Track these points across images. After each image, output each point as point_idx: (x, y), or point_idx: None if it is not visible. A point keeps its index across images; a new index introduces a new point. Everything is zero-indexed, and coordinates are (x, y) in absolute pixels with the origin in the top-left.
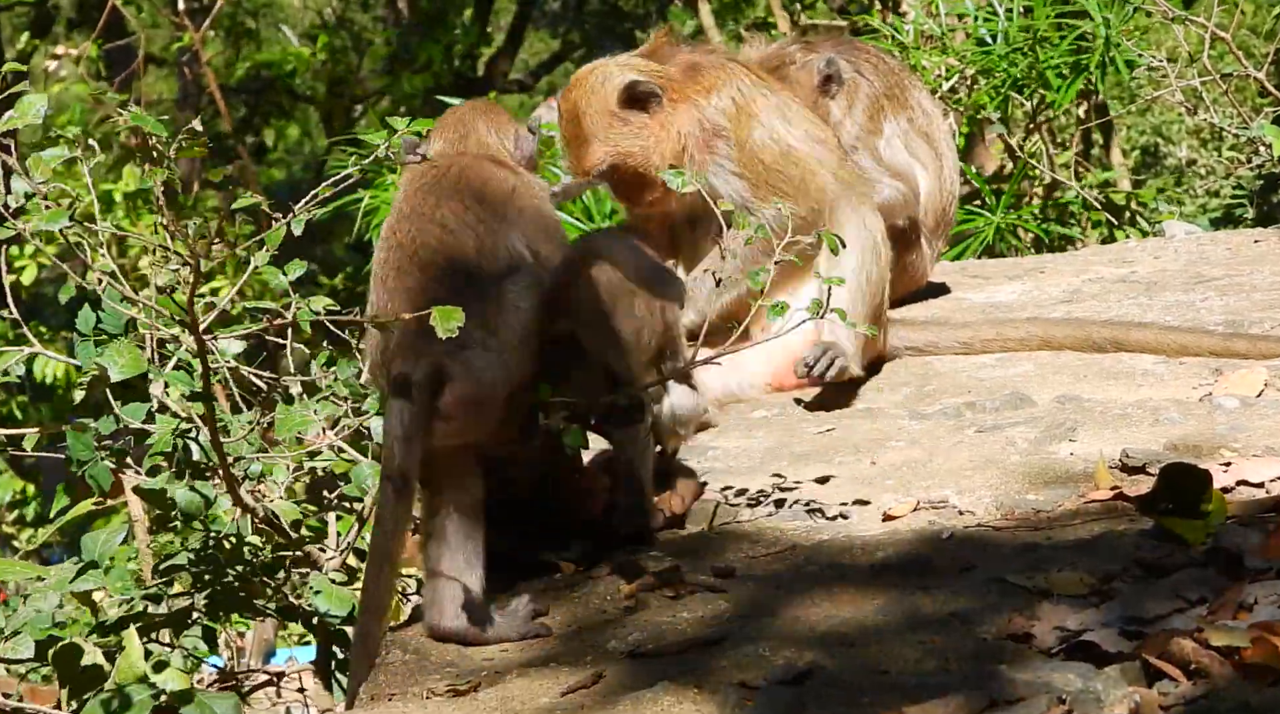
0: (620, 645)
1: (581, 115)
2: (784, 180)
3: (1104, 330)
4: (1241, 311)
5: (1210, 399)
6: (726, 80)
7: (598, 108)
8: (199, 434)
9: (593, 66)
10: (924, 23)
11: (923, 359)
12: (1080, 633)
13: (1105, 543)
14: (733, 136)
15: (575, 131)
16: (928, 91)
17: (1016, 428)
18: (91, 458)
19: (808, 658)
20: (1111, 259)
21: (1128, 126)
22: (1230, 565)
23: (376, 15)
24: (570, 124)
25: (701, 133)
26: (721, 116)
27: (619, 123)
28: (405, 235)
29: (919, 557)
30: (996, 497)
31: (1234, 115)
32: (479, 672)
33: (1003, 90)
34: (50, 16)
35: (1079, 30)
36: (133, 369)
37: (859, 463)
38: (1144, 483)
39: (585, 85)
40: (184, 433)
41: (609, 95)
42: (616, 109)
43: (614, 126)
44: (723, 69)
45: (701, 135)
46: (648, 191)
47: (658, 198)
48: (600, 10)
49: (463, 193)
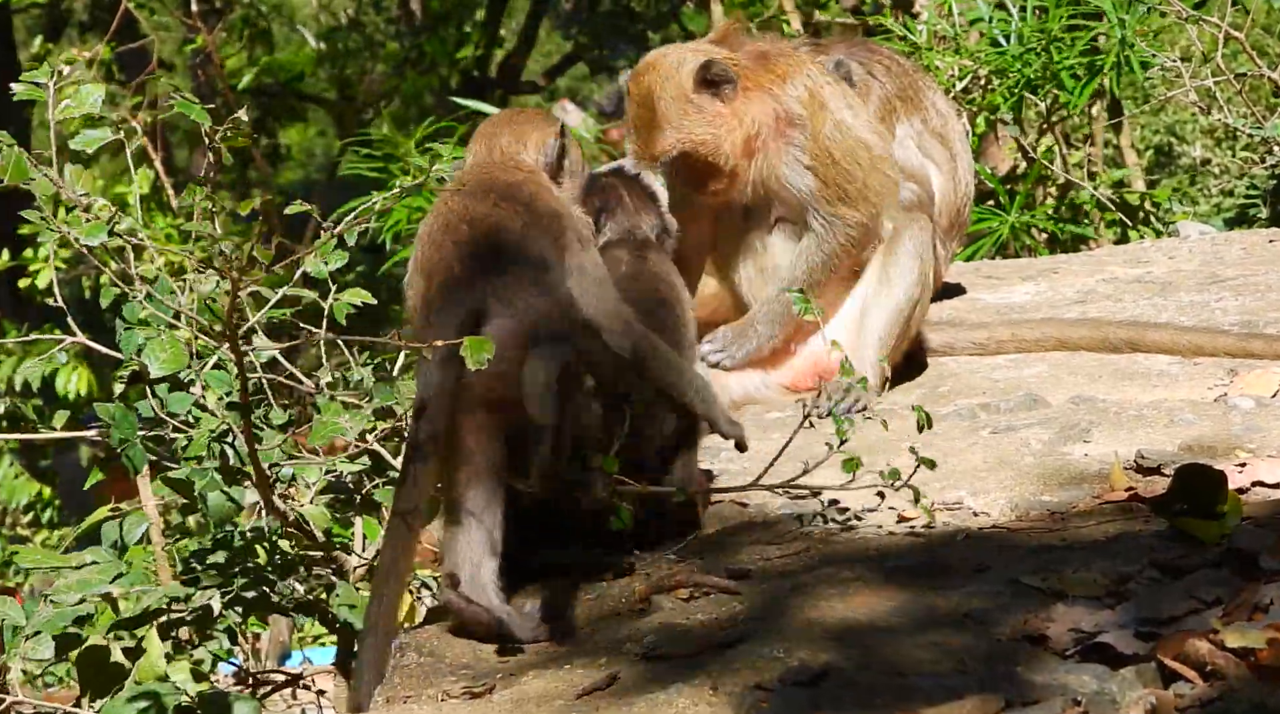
0: (635, 647)
1: (655, 100)
2: (849, 180)
3: (1120, 331)
4: (1257, 312)
5: (1225, 400)
6: (799, 69)
7: (672, 93)
8: (235, 439)
9: (663, 51)
10: (936, 23)
11: (937, 360)
12: (1095, 634)
13: (1120, 544)
14: (808, 126)
15: (647, 117)
16: (942, 92)
17: (1031, 429)
18: (132, 437)
19: (823, 659)
20: (1126, 259)
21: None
22: (1245, 566)
23: (389, 17)
24: (643, 109)
25: (776, 121)
26: (797, 105)
27: (693, 109)
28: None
29: (933, 558)
30: (1011, 498)
31: (1248, 115)
32: (494, 673)
33: (1017, 91)
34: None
35: (1094, 31)
36: (174, 365)
37: (872, 464)
38: (1159, 484)
39: (658, 70)
40: (221, 436)
41: (684, 80)
42: (692, 94)
43: (688, 113)
44: (793, 57)
45: (776, 124)
46: (714, 180)
47: (722, 187)
48: (612, 11)
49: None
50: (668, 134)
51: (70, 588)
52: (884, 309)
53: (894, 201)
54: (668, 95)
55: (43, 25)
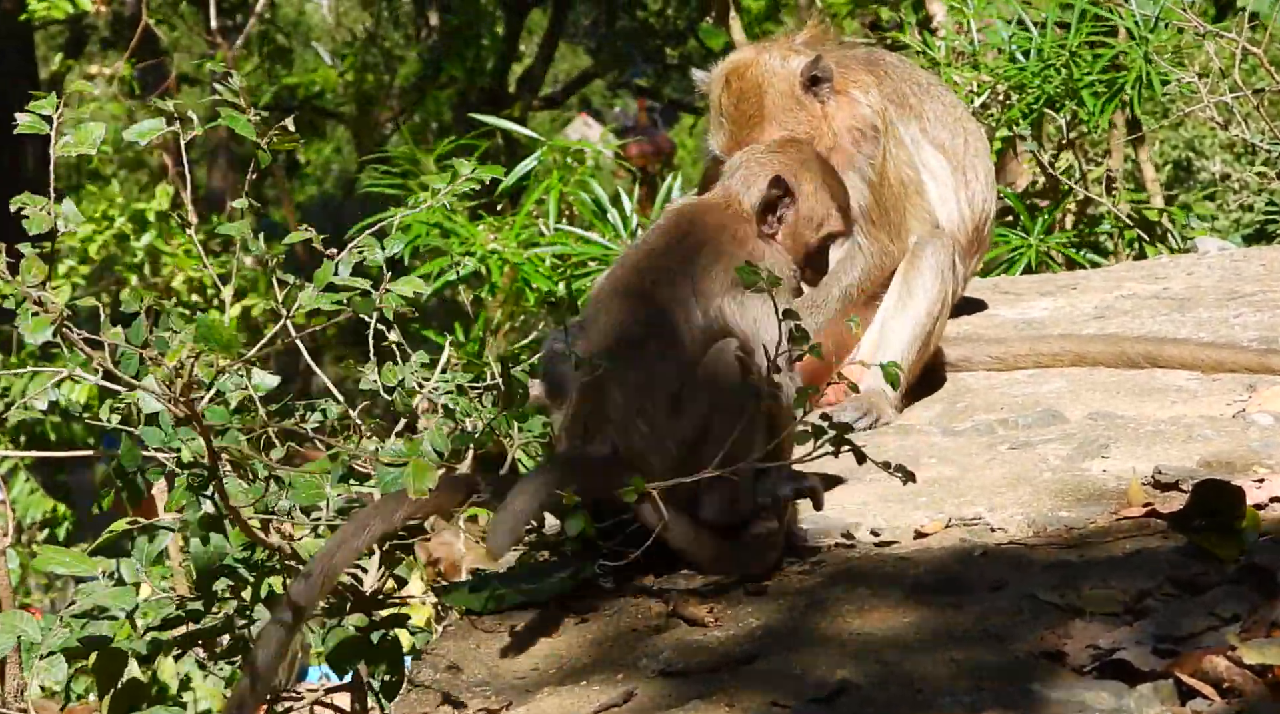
0: (652, 664)
1: (763, 94)
2: (896, 209)
3: (1138, 346)
4: (1276, 327)
5: (1244, 416)
6: (881, 79)
7: (781, 88)
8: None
9: (758, 50)
10: (954, 39)
11: (955, 375)
12: (1113, 651)
13: (1138, 560)
14: (879, 140)
15: (751, 110)
16: (962, 106)
17: (1049, 445)
18: (138, 469)
19: (840, 675)
20: (1144, 275)
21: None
22: (1264, 583)
23: (407, 33)
24: (748, 102)
25: (851, 130)
26: (875, 117)
27: (797, 107)
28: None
29: (951, 574)
30: (1029, 514)
31: (1266, 130)
32: (510, 689)
33: (1036, 107)
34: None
35: (1116, 49)
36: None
37: (891, 481)
38: (1177, 500)
39: (760, 65)
40: (200, 487)
41: (793, 76)
42: (799, 91)
43: (792, 109)
44: (878, 65)
45: (854, 132)
46: None
47: None
48: (630, 28)
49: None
50: (770, 130)
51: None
52: (905, 326)
53: (929, 244)
54: (775, 90)
55: (64, 42)
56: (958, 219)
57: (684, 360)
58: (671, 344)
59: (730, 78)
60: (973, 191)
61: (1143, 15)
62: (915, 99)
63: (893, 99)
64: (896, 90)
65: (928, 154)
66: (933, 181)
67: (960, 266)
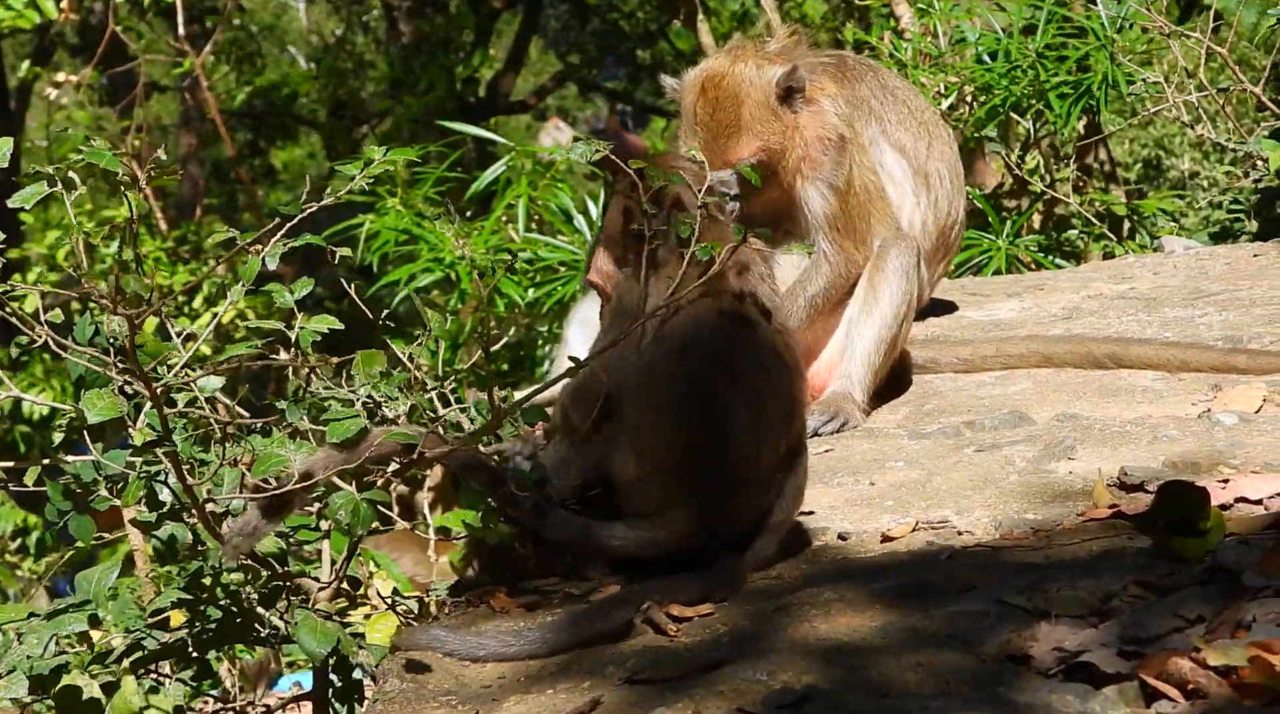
0: (618, 671)
1: (740, 104)
2: (861, 217)
3: (1104, 346)
4: (1241, 326)
5: (1209, 415)
6: (847, 84)
7: (758, 98)
8: (168, 477)
9: (733, 58)
10: (921, 41)
11: (922, 377)
12: (1079, 653)
13: (1104, 562)
14: (846, 148)
15: (728, 120)
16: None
17: (1015, 446)
18: (71, 509)
19: (806, 681)
20: (1111, 275)
21: (1130, 139)
22: (1229, 584)
23: (377, 38)
24: (725, 112)
25: (827, 137)
26: (843, 124)
27: (773, 117)
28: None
29: (918, 577)
30: (995, 516)
31: (1232, 129)
32: (476, 698)
33: (1002, 109)
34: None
35: (1084, 49)
36: (109, 413)
37: (858, 484)
38: (1143, 501)
39: (736, 75)
40: (154, 476)
41: (769, 86)
42: (774, 102)
43: (767, 120)
44: (852, 73)
45: (824, 141)
46: (768, 190)
47: (775, 196)
48: (601, 31)
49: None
50: (748, 140)
51: (46, 628)
52: (871, 328)
53: (894, 247)
54: (752, 100)
55: (32, 50)
56: (919, 223)
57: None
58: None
59: (706, 86)
60: (936, 195)
61: (1108, 16)
62: (878, 102)
63: (857, 104)
64: (861, 95)
65: (889, 158)
66: (891, 184)
67: (924, 269)
